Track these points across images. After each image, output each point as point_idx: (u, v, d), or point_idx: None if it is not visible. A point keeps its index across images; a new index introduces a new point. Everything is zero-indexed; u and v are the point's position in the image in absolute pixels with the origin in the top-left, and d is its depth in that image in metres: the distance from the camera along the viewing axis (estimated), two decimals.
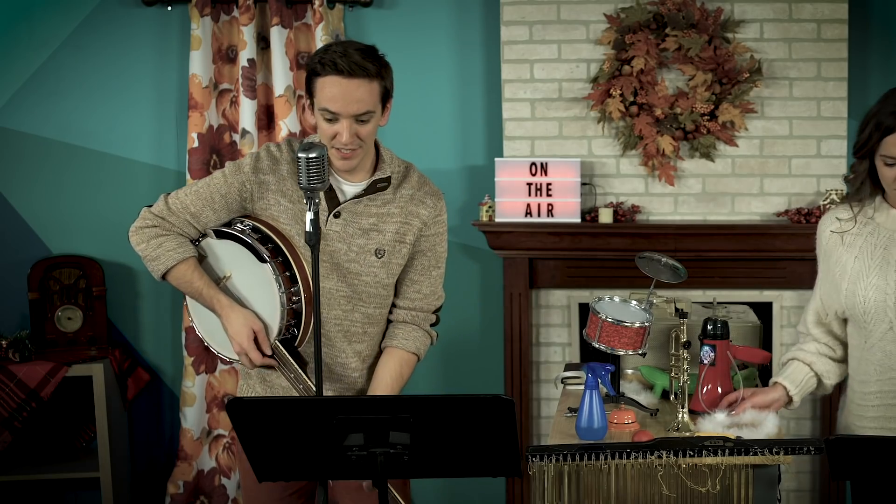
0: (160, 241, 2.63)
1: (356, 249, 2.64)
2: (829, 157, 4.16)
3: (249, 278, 2.62)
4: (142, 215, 2.67)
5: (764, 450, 2.33)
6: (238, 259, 2.62)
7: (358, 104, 2.52)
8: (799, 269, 4.17)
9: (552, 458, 2.36)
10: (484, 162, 4.39)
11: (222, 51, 4.33)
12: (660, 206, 4.24)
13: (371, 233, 2.65)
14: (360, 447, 2.09)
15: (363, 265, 2.65)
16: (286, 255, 2.59)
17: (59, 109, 4.42)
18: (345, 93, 2.51)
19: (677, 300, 3.31)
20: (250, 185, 2.62)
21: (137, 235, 2.66)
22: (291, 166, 2.62)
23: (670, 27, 4.11)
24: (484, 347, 4.49)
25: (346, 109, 2.52)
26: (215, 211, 2.64)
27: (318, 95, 2.54)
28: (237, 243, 2.61)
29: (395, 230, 2.67)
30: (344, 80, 2.50)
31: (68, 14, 4.38)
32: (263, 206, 2.63)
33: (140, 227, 2.66)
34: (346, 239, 2.64)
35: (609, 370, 2.82)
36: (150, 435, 4.59)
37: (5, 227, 4.46)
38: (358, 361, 2.74)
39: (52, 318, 4.29)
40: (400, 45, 4.39)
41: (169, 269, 2.62)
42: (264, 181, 2.62)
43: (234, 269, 2.65)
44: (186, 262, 2.63)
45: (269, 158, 2.64)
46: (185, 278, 2.64)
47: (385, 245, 2.66)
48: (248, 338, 2.58)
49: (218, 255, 2.67)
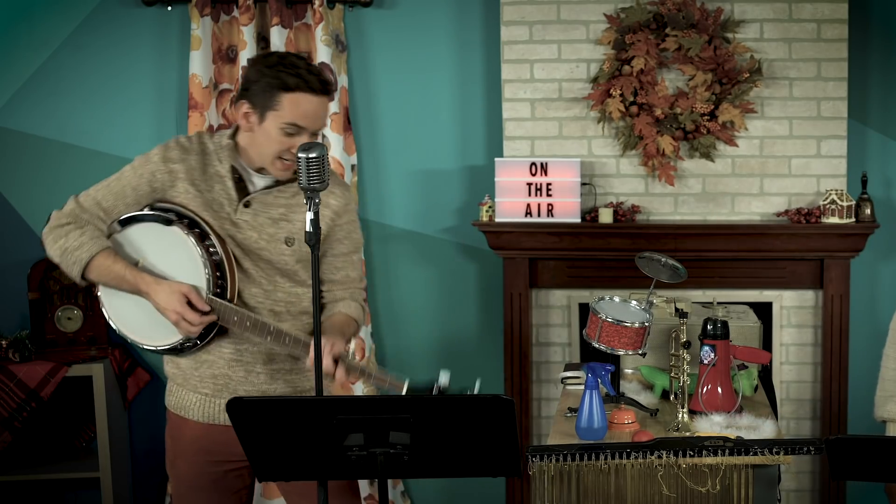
0: (77, 235, 2.65)
1: (266, 238, 2.68)
2: (829, 157, 4.16)
3: (163, 250, 2.65)
4: (53, 217, 2.69)
5: (764, 450, 2.33)
6: (147, 237, 2.66)
7: (323, 119, 2.64)
8: (799, 269, 4.18)
9: (552, 458, 2.36)
10: (484, 162, 4.39)
11: (222, 51, 4.33)
12: (660, 206, 4.24)
13: (281, 222, 2.69)
14: (360, 447, 2.09)
15: (274, 253, 2.69)
16: (191, 218, 2.64)
17: (59, 109, 4.42)
18: (317, 110, 2.60)
19: (677, 300, 3.32)
20: (161, 175, 2.67)
21: (52, 235, 2.68)
22: (200, 157, 2.68)
23: (670, 27, 4.11)
24: (484, 347, 4.49)
25: (315, 125, 2.61)
26: (127, 205, 2.68)
27: (285, 109, 2.57)
28: (141, 223, 2.66)
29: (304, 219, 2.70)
30: (316, 97, 2.59)
31: (68, 14, 4.38)
32: (174, 194, 2.67)
33: (53, 226, 2.68)
34: (257, 227, 2.68)
35: (609, 370, 2.82)
36: (150, 435, 4.58)
37: (5, 227, 4.46)
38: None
39: (52, 318, 4.29)
40: (400, 45, 4.39)
41: (90, 260, 2.63)
42: (174, 170, 2.67)
43: (146, 249, 2.67)
44: (105, 252, 2.65)
45: (178, 148, 2.69)
46: (105, 267, 2.65)
47: (295, 234, 2.70)
48: (181, 302, 2.59)
49: (127, 243, 2.69)
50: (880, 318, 4.26)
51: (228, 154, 2.67)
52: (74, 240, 2.64)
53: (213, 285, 2.62)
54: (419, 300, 4.47)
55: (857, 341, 4.23)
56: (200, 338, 2.67)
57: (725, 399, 2.88)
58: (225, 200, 2.67)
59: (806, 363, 4.24)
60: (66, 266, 2.67)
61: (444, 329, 4.52)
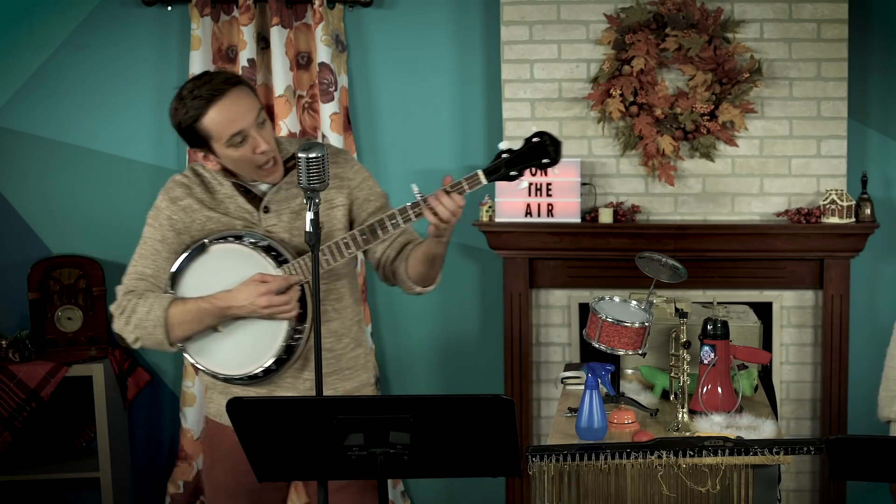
0: (141, 304, 2.63)
1: (296, 232, 2.68)
2: (829, 157, 4.16)
3: (216, 272, 2.63)
4: (113, 311, 2.68)
5: (764, 450, 2.33)
6: (198, 276, 2.65)
7: (251, 108, 2.58)
8: (799, 269, 4.18)
9: (552, 458, 2.36)
10: (484, 162, 4.39)
11: (222, 51, 4.33)
12: (660, 206, 4.24)
13: (302, 211, 2.68)
14: (360, 447, 2.09)
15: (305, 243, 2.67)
16: (221, 235, 2.64)
17: (59, 109, 4.42)
18: (237, 104, 2.55)
19: (677, 300, 3.32)
20: (177, 216, 2.67)
21: (120, 322, 2.66)
22: (203, 186, 2.69)
23: (670, 27, 4.11)
24: (484, 347, 4.49)
25: (246, 119, 2.56)
26: (166, 260, 2.68)
27: (214, 133, 2.56)
28: (185, 270, 2.65)
29: (322, 199, 2.69)
30: (223, 101, 2.55)
31: (68, 14, 4.38)
32: (199, 227, 2.68)
33: (118, 316, 2.67)
34: (285, 226, 2.68)
35: (609, 370, 2.82)
36: (150, 435, 4.59)
37: (5, 227, 4.46)
38: (334, 340, 2.74)
39: (52, 318, 4.29)
40: (400, 45, 4.39)
41: (166, 315, 2.60)
42: (186, 206, 2.67)
43: (203, 286, 2.64)
44: (174, 301, 2.63)
45: (179, 186, 2.70)
46: (181, 313, 2.62)
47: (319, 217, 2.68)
48: (259, 289, 2.55)
49: (187, 293, 2.67)
50: (880, 318, 4.26)
51: (223, 175, 2.68)
52: (142, 308, 2.63)
53: (276, 263, 2.61)
54: (419, 300, 4.47)
55: (856, 341, 4.23)
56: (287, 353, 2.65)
57: (725, 399, 2.88)
58: (245, 215, 2.68)
59: (806, 363, 4.24)
60: (149, 336, 2.63)
61: (445, 329, 4.52)
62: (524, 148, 2.56)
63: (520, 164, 2.56)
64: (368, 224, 2.62)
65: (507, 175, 2.57)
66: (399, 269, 2.76)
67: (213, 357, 2.69)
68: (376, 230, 2.61)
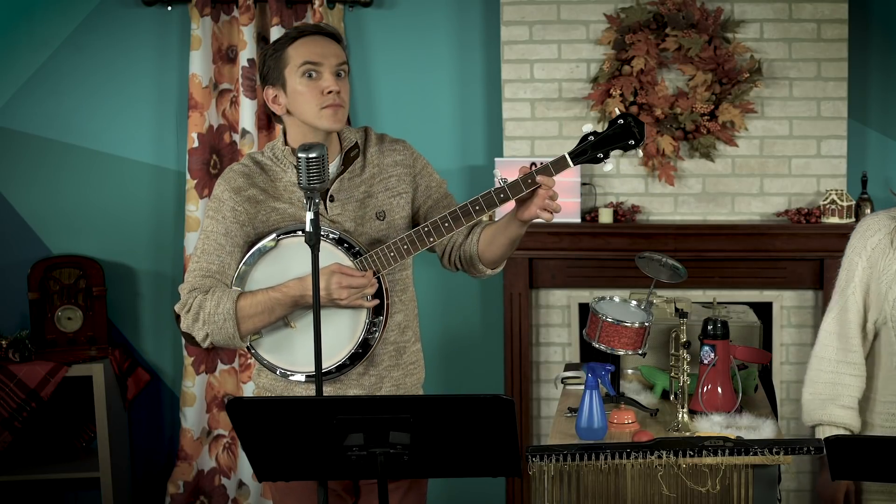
0: (209, 300, 2.54)
1: (360, 221, 2.63)
2: (829, 157, 4.16)
3: (288, 267, 2.56)
4: (181, 304, 2.59)
5: (764, 450, 2.33)
6: (266, 272, 2.58)
7: (336, 56, 2.58)
8: (799, 269, 4.18)
9: (552, 458, 2.36)
10: (484, 162, 4.39)
11: (222, 51, 4.33)
12: (660, 206, 4.24)
13: (366, 200, 2.65)
14: (360, 447, 2.09)
15: (372, 231, 2.63)
16: (285, 230, 2.58)
17: (60, 109, 4.42)
18: (323, 46, 2.57)
19: (677, 300, 3.32)
20: (240, 207, 2.58)
21: (188, 320, 2.56)
22: (264, 174, 2.62)
23: (670, 27, 4.11)
24: (484, 347, 4.49)
25: (327, 59, 2.56)
26: (230, 254, 2.58)
27: (293, 58, 2.55)
28: (253, 266, 2.58)
29: (385, 188, 2.67)
30: (320, 38, 2.58)
31: (68, 14, 4.38)
32: (263, 219, 2.60)
33: (185, 314, 2.57)
34: (349, 215, 2.63)
35: (609, 370, 2.82)
36: (150, 435, 4.59)
37: (5, 227, 4.46)
38: (398, 333, 2.71)
39: (52, 318, 4.29)
40: (400, 45, 4.40)
41: (236, 307, 2.52)
42: (250, 196, 2.59)
43: (271, 281, 2.57)
44: (242, 295, 2.55)
45: (240, 175, 2.61)
46: (250, 305, 2.53)
47: (383, 206, 2.66)
48: (339, 278, 2.49)
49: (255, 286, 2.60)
50: None
51: (290, 161, 2.61)
52: (210, 303, 2.53)
53: (350, 256, 2.55)
54: (419, 300, 4.46)
55: None
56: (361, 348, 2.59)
57: (725, 399, 2.88)
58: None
59: (806, 363, 4.22)
60: (219, 330, 2.53)
61: (445, 329, 4.52)
62: (610, 130, 2.52)
63: (606, 145, 2.52)
64: (451, 211, 2.56)
65: (595, 157, 2.53)
66: (471, 252, 2.72)
67: (285, 354, 2.61)
68: (459, 217, 2.56)
